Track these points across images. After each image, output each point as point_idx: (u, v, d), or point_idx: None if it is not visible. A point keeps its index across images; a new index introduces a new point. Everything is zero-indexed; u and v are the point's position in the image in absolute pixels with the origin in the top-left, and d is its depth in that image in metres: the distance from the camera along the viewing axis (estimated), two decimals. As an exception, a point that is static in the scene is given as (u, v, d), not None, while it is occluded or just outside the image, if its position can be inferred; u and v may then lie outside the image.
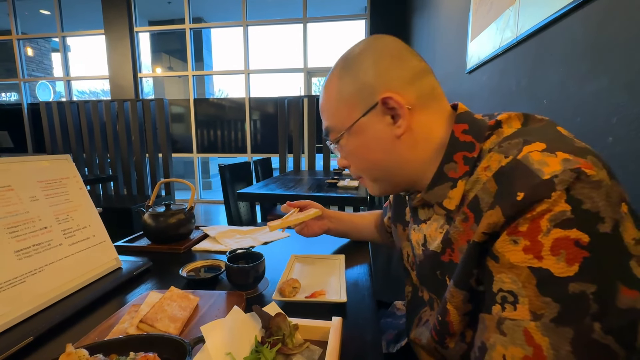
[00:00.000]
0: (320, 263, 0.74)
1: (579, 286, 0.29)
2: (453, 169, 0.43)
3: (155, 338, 0.40)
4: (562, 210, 0.30)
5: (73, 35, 5.11)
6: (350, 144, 0.49)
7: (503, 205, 0.33)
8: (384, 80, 0.45)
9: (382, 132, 0.46)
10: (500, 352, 0.32)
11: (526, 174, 0.33)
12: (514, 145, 0.37)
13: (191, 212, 0.90)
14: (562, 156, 0.32)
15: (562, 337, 0.29)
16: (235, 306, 0.44)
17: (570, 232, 0.29)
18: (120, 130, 3.31)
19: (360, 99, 0.46)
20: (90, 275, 0.61)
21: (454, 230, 0.41)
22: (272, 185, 1.97)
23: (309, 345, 0.43)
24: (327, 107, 0.50)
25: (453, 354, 0.44)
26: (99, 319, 0.51)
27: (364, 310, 0.56)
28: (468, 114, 0.46)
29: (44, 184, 0.60)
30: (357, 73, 0.46)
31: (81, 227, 0.63)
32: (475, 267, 0.37)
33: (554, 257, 0.29)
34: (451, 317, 0.41)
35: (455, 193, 0.42)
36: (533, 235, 0.31)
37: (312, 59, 4.54)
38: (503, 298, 0.33)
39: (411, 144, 0.46)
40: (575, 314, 0.29)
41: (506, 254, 0.33)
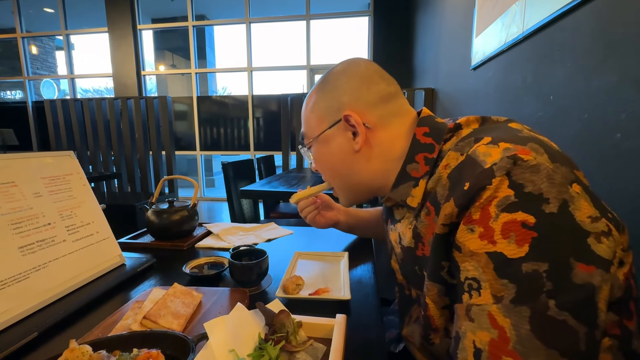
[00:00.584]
0: (323, 260, 0.73)
1: (531, 265, 0.29)
2: (415, 168, 0.46)
3: (158, 334, 0.40)
4: (507, 195, 0.31)
5: (77, 33, 5.13)
6: (317, 151, 0.55)
7: (454, 195, 0.36)
8: (350, 99, 0.50)
9: (343, 145, 0.51)
10: (471, 338, 0.33)
11: (472, 165, 0.35)
12: (467, 144, 0.40)
13: (194, 209, 0.90)
14: (503, 146, 0.34)
15: (521, 316, 0.29)
16: (238, 303, 0.44)
17: (516, 215, 0.31)
18: (124, 128, 3.33)
19: (329, 113, 0.52)
20: (94, 272, 0.61)
21: (420, 225, 0.44)
22: (275, 182, 1.97)
23: (313, 343, 0.43)
24: (304, 116, 0.56)
25: (440, 350, 0.45)
26: (103, 315, 0.51)
27: (368, 307, 0.55)
28: (430, 118, 0.49)
29: (47, 181, 0.60)
30: (330, 90, 0.52)
31: (85, 224, 0.63)
32: (444, 260, 0.39)
33: (505, 240, 0.31)
34: (431, 310, 0.43)
35: (417, 191, 0.45)
36: (485, 221, 0.32)
37: (315, 56, 4.53)
38: (469, 285, 0.34)
39: (368, 157, 0.51)
40: (531, 293, 0.29)
41: (466, 242, 0.34)
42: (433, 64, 2.95)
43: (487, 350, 0.31)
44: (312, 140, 0.55)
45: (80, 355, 0.35)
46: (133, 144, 3.35)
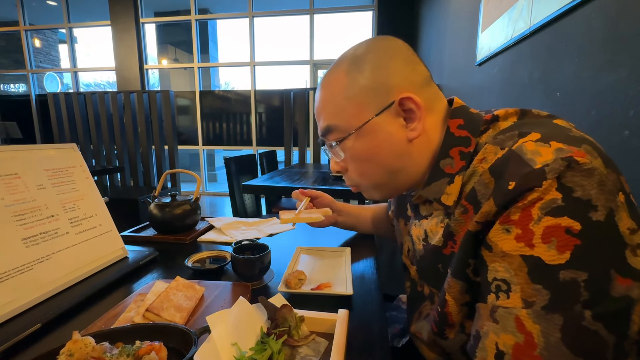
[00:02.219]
0: (326, 255, 0.73)
1: (570, 274, 0.28)
2: (449, 164, 0.43)
3: (161, 327, 0.40)
4: (553, 198, 0.30)
5: (79, 27, 5.12)
6: (358, 146, 0.45)
7: (496, 194, 0.34)
8: (398, 81, 0.43)
9: (395, 134, 0.44)
10: (493, 339, 0.32)
11: (518, 163, 0.33)
12: (509, 137, 0.37)
13: (197, 202, 0.90)
14: (555, 145, 0.32)
15: (552, 324, 0.29)
16: (240, 297, 0.44)
17: (561, 220, 0.29)
18: (127, 122, 3.33)
19: (373, 97, 0.43)
20: (97, 264, 0.61)
21: (454, 223, 0.42)
22: (277, 177, 1.96)
23: (315, 337, 0.43)
24: (329, 105, 0.46)
25: (452, 345, 0.44)
26: (106, 307, 0.51)
27: (371, 303, 0.55)
28: (463, 109, 0.45)
29: (50, 173, 0.60)
30: (370, 71, 0.44)
31: (87, 216, 0.63)
32: (472, 257, 0.38)
33: (544, 244, 0.29)
34: (450, 307, 0.42)
35: (453, 189, 0.42)
36: (524, 223, 0.31)
37: (319, 51, 4.50)
38: (497, 287, 0.33)
39: (419, 148, 0.45)
40: (566, 301, 0.28)
41: (499, 242, 0.33)
42: (437, 59, 2.92)
43: (511, 354, 0.30)
44: (351, 133, 0.45)
45: (83, 346, 0.35)
46: (136, 138, 3.35)
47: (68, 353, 0.33)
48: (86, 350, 0.34)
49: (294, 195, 0.80)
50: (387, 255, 1.87)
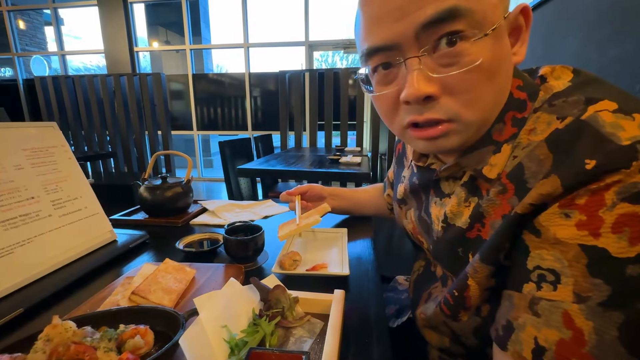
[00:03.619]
0: (322, 237, 0.71)
1: (638, 268, 0.25)
2: (499, 130, 0.36)
3: (147, 310, 0.38)
4: (635, 182, 0.25)
5: (65, 7, 4.91)
6: (491, 53, 0.32)
7: (563, 174, 0.28)
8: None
9: (508, 52, 0.35)
10: (531, 333, 0.29)
11: (596, 138, 0.27)
12: (572, 104, 0.31)
13: (188, 185, 0.88)
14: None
15: (610, 321, 0.26)
16: (231, 278, 0.42)
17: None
18: (118, 106, 3.25)
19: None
20: (84, 248, 0.59)
21: (487, 204, 0.36)
22: (273, 161, 1.93)
23: (310, 319, 0.41)
24: None
25: (465, 327, 0.42)
26: (93, 291, 0.49)
27: (368, 283, 0.54)
28: (517, 70, 0.38)
29: (29, 152, 0.56)
30: None
31: (72, 198, 0.60)
32: (508, 241, 0.33)
33: (614, 235, 0.26)
34: (471, 291, 0.38)
35: (499, 159, 0.35)
36: (593, 209, 0.27)
37: (314, 32, 4.37)
38: (540, 276, 0.29)
39: (510, 80, 0.37)
40: (629, 298, 0.26)
41: (552, 228, 0.29)
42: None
43: (554, 350, 0.28)
44: (494, 27, 0.32)
45: (63, 331, 0.33)
46: (128, 123, 3.28)
47: (46, 338, 0.31)
48: (66, 335, 0.32)
49: (282, 199, 0.78)
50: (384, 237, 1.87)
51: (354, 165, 1.74)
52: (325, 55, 4.92)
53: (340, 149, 2.54)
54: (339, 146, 2.70)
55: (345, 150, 2.48)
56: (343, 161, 1.81)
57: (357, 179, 1.58)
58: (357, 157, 1.88)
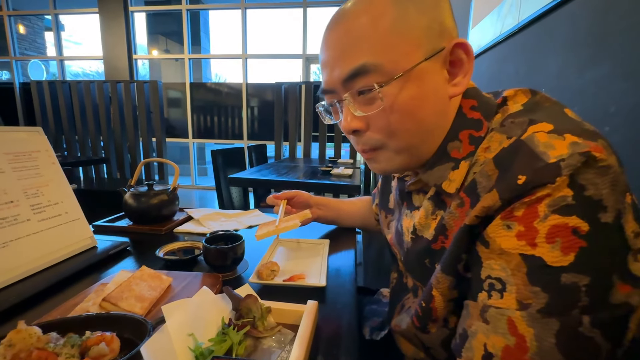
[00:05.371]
0: (303, 247, 0.72)
1: (571, 277, 0.27)
2: (457, 147, 0.39)
3: (115, 317, 0.38)
4: (563, 196, 0.27)
5: (66, 13, 4.96)
6: (404, 93, 0.36)
7: (501, 188, 0.31)
8: (450, 25, 0.38)
9: (439, 87, 0.38)
10: (481, 340, 0.31)
11: (529, 156, 0.30)
12: (518, 125, 0.34)
13: (174, 193, 0.88)
14: (570, 139, 0.29)
15: (547, 328, 0.27)
16: (204, 287, 0.42)
17: (569, 219, 0.27)
18: (114, 113, 3.25)
19: (426, 37, 0.36)
20: (61, 254, 0.59)
21: (448, 217, 0.38)
22: (266, 171, 1.94)
23: (281, 329, 0.41)
24: (370, 39, 0.36)
25: (434, 339, 0.43)
26: (68, 297, 0.49)
27: (344, 295, 0.54)
28: (476, 90, 0.42)
29: (11, 156, 0.57)
30: (424, 5, 0.37)
31: (52, 203, 0.60)
32: (465, 252, 0.35)
33: (548, 244, 0.27)
34: (436, 303, 0.40)
35: (457, 175, 0.38)
36: (528, 220, 0.29)
37: (312, 46, 4.45)
38: (490, 285, 0.31)
39: (453, 108, 0.40)
40: (564, 306, 0.27)
41: (497, 239, 0.31)
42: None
43: (500, 357, 0.29)
44: (400, 75, 0.36)
45: (27, 336, 0.33)
46: (123, 129, 3.28)
47: (8, 343, 0.31)
48: (30, 341, 0.32)
49: (268, 201, 0.78)
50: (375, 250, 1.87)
51: (345, 177, 1.75)
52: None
53: (333, 160, 2.56)
54: (332, 158, 2.72)
55: (337, 162, 2.50)
56: (335, 173, 1.82)
57: (348, 190, 1.59)
58: (349, 169, 1.90)
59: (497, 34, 1.38)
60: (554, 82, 0.98)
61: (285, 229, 0.61)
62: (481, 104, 0.40)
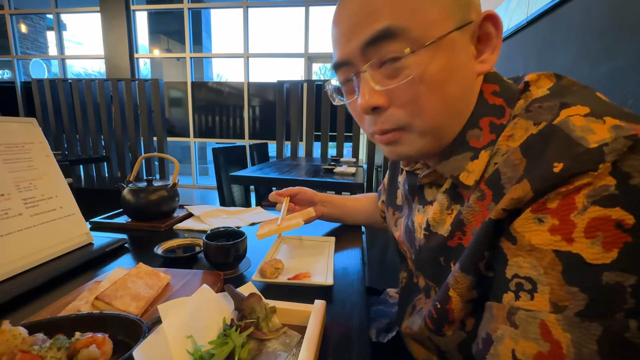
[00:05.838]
0: (308, 245, 0.69)
1: (615, 276, 0.24)
2: (476, 136, 0.36)
3: (108, 317, 0.35)
4: (605, 185, 0.24)
5: (68, 12, 4.95)
6: (434, 63, 0.33)
7: (533, 178, 0.28)
8: (478, 1, 0.35)
9: (468, 61, 0.35)
10: (509, 346, 0.27)
11: (565, 141, 0.27)
12: (547, 109, 0.31)
13: (174, 189, 0.85)
14: (611, 122, 0.26)
15: (588, 333, 0.24)
16: (204, 285, 0.39)
17: (612, 212, 0.24)
18: (115, 111, 3.23)
19: (457, 5, 0.33)
20: (56, 250, 0.56)
21: (467, 211, 0.35)
22: (267, 169, 1.91)
23: (287, 330, 0.39)
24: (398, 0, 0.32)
25: (449, 342, 0.40)
26: (61, 296, 0.46)
27: (352, 295, 0.51)
28: (497, 75, 0.38)
29: (2, 148, 0.54)
30: None
31: (46, 198, 0.58)
32: (487, 249, 0.32)
33: (587, 240, 0.24)
34: (453, 304, 0.36)
35: (476, 165, 0.35)
36: (564, 213, 0.26)
37: (314, 44, 4.42)
38: (518, 285, 0.28)
39: (476, 91, 0.37)
40: (607, 308, 0.24)
41: (526, 234, 0.28)
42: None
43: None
44: (431, 42, 0.32)
45: (11, 338, 0.30)
46: (124, 128, 3.26)
47: (-11, 345, 0.28)
48: (14, 343, 0.30)
49: (271, 198, 0.75)
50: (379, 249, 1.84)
51: (348, 175, 1.72)
52: (324, 68, 4.97)
53: (335, 159, 2.53)
54: (334, 156, 2.69)
55: (340, 160, 2.47)
56: (337, 171, 1.79)
57: (351, 189, 1.57)
58: (351, 168, 1.87)
59: (505, 29, 1.35)
60: (567, 75, 0.95)
61: (287, 227, 0.58)
62: (503, 90, 0.37)
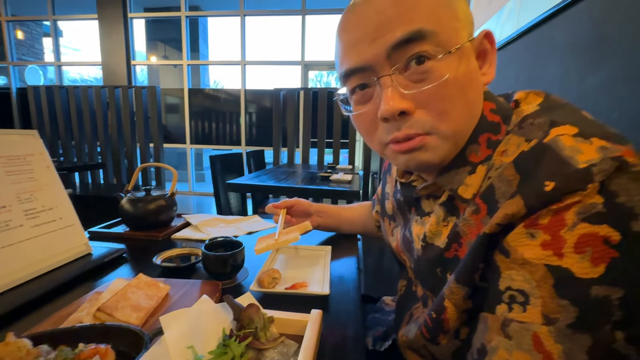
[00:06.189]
0: (305, 254, 0.70)
1: (603, 290, 0.25)
2: (475, 151, 0.37)
3: (110, 328, 0.36)
4: (593, 203, 0.26)
5: (65, 19, 4.98)
6: (461, 67, 0.35)
7: (526, 195, 0.29)
8: (472, 19, 0.39)
9: (477, 71, 0.37)
10: (503, 356, 0.29)
11: (556, 160, 0.28)
12: (538, 126, 0.33)
13: (172, 198, 0.86)
14: (598, 143, 0.28)
15: (579, 344, 0.25)
16: (204, 295, 0.40)
17: (600, 229, 0.25)
18: (111, 118, 3.24)
19: (466, 20, 0.37)
20: (55, 260, 0.57)
21: (463, 224, 0.37)
22: (264, 176, 1.92)
23: (285, 340, 0.40)
24: (427, 5, 0.34)
25: (444, 351, 0.41)
26: (61, 306, 0.47)
27: (348, 303, 0.52)
28: (491, 94, 0.41)
29: (4, 160, 0.55)
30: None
31: (46, 209, 0.59)
32: (482, 262, 0.33)
33: (577, 255, 0.26)
34: (448, 314, 0.37)
35: (474, 179, 0.37)
36: (555, 229, 0.27)
37: (310, 52, 4.48)
38: (511, 297, 0.29)
39: (482, 100, 0.39)
40: (596, 320, 0.25)
41: (519, 248, 0.29)
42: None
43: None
44: (458, 47, 0.34)
45: (15, 349, 0.31)
46: (120, 135, 3.26)
47: (-5, 357, 0.29)
48: (19, 355, 0.30)
49: (267, 211, 0.77)
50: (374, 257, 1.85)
51: (344, 182, 1.74)
52: (320, 75, 5.02)
53: (332, 166, 2.55)
54: (331, 164, 2.72)
55: (336, 167, 2.49)
56: (334, 178, 1.81)
57: (348, 196, 1.58)
58: (348, 175, 1.89)
59: (497, 40, 1.39)
60: (556, 88, 0.97)
61: (285, 242, 0.60)
62: (499, 107, 0.39)
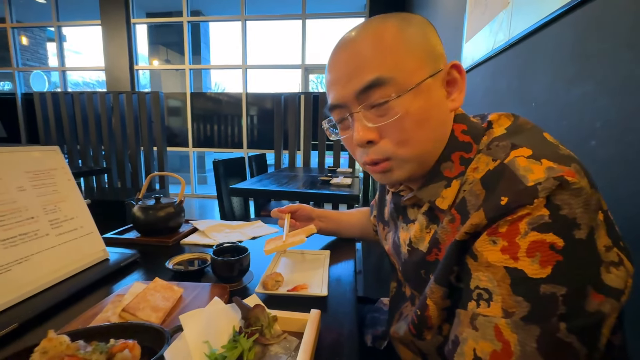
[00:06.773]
0: (305, 258, 0.75)
1: (550, 288, 0.30)
2: (449, 167, 0.43)
3: (135, 326, 0.41)
4: (541, 215, 0.31)
5: (69, 25, 5.05)
6: (415, 104, 0.40)
7: (487, 207, 0.34)
8: (441, 51, 0.43)
9: (441, 101, 0.43)
10: (471, 346, 0.34)
11: (511, 179, 0.34)
12: (502, 148, 0.38)
13: (181, 205, 0.91)
14: (546, 164, 0.33)
15: (530, 334, 0.30)
16: (215, 297, 0.45)
17: (546, 236, 0.30)
18: (115, 123, 3.29)
19: (429, 57, 0.41)
20: (77, 266, 0.62)
21: (441, 231, 0.43)
22: (266, 181, 1.97)
23: (287, 336, 0.45)
24: (384, 55, 0.40)
25: (429, 346, 0.47)
26: (85, 308, 0.52)
27: (344, 304, 0.57)
28: (464, 116, 0.46)
29: (31, 175, 0.61)
30: (421, 32, 0.42)
31: (68, 218, 0.64)
32: (456, 264, 0.39)
33: (529, 258, 0.31)
34: (430, 311, 0.43)
35: (449, 192, 0.42)
36: (511, 236, 0.32)
37: (310, 56, 4.54)
38: (479, 295, 0.34)
39: (449, 127, 0.45)
40: (544, 314, 0.30)
41: (484, 253, 0.34)
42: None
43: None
44: (411, 88, 0.40)
45: (58, 344, 0.36)
46: (124, 139, 3.32)
47: (42, 351, 0.34)
48: (60, 349, 0.35)
49: (273, 215, 0.83)
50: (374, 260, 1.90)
51: (344, 186, 1.78)
52: (320, 78, 5.07)
53: (332, 169, 2.60)
54: (331, 167, 2.76)
55: (337, 171, 2.54)
56: (334, 182, 1.86)
57: (348, 200, 1.62)
58: (347, 179, 1.93)
59: (490, 49, 1.44)
60: (544, 96, 1.02)
61: (292, 243, 0.66)
62: (470, 128, 0.44)
